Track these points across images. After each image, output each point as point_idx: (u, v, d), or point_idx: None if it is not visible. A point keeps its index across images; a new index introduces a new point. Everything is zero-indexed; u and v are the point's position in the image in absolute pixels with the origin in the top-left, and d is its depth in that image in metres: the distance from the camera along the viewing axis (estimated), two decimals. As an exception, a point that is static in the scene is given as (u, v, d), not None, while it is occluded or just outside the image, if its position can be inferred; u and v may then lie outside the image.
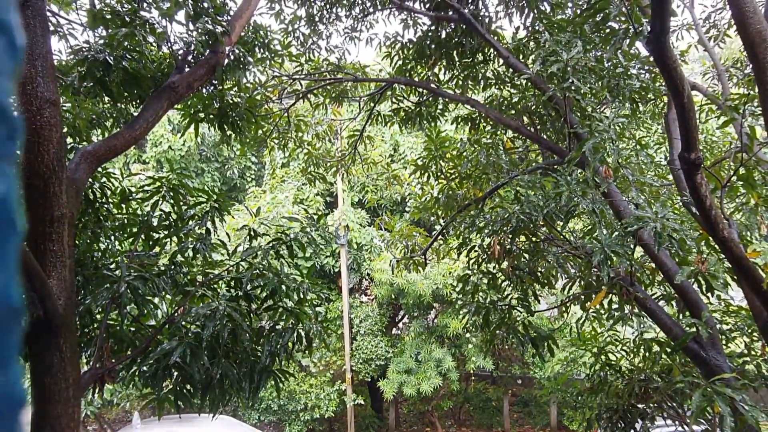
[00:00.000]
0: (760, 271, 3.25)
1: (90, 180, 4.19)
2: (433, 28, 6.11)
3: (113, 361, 3.82)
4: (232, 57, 4.58)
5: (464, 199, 5.98)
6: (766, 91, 3.55)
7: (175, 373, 3.71)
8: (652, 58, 3.42)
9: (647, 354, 5.13)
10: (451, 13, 5.70)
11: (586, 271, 4.85)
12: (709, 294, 4.65)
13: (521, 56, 5.70)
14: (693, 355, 4.28)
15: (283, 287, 3.86)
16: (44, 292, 2.82)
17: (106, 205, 4.49)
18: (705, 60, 9.24)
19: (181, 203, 4.48)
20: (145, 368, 3.82)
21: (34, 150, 3.07)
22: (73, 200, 3.29)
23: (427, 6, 6.10)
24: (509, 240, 4.61)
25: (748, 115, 5.08)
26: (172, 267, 4.13)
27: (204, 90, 4.81)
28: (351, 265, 12.59)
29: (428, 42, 6.09)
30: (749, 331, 5.36)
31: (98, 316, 4.07)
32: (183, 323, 3.78)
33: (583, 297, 4.39)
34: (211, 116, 4.91)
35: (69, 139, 4.47)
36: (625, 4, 3.88)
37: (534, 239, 4.80)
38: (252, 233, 4.22)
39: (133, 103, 4.77)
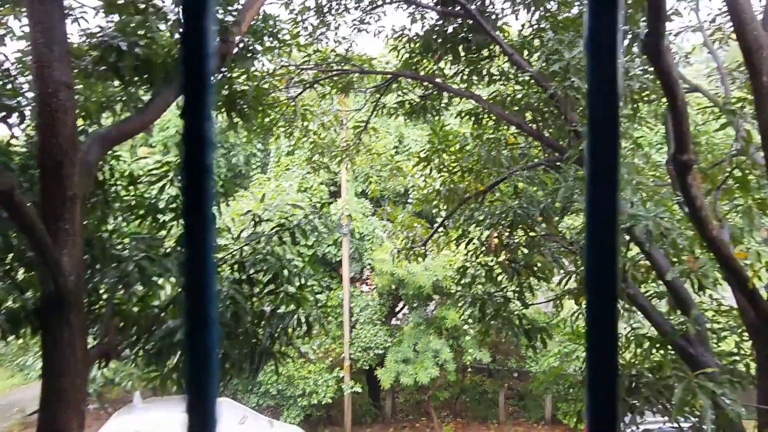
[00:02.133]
0: (746, 271, 3.35)
1: (100, 162, 4.30)
2: (440, 22, 6.19)
3: (119, 338, 3.96)
4: (241, 46, 4.68)
5: (465, 192, 6.08)
6: (761, 96, 3.64)
7: (179, 352, 3.84)
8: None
9: (638, 350, 5.24)
10: (457, 8, 5.78)
11: (581, 267, 4.96)
12: (701, 293, 4.76)
13: (525, 53, 5.78)
14: (681, 352, 4.39)
15: (285, 272, 3.98)
16: (56, 268, 2.94)
17: (114, 187, 4.61)
18: (710, 62, 9.28)
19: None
20: (149, 347, 3.95)
21: (49, 132, 3.18)
22: (85, 181, 3.41)
23: (435, 1, 6.17)
24: (507, 234, 4.72)
25: (748, 119, 5.16)
26: (178, 249, 4.25)
27: (213, 78, 4.90)
28: (353, 255, 12.72)
29: (434, 36, 6.17)
30: (739, 330, 5.47)
31: (105, 295, 4.21)
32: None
33: (576, 291, 4.50)
34: (220, 103, 5.01)
35: (79, 122, 4.59)
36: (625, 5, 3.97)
37: (531, 234, 4.91)
38: (256, 219, 4.34)
39: (144, 87, 4.88)
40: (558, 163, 4.77)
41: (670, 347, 4.89)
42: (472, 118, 6.76)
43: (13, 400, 8.89)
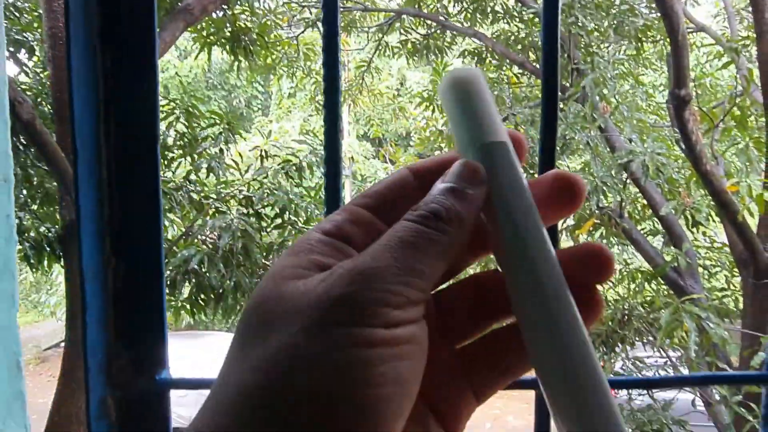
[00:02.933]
0: (736, 204, 3.49)
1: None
2: (444, -42, 6.09)
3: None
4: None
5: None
6: (762, 33, 3.68)
7: (193, 280, 4.04)
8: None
9: (632, 285, 5.45)
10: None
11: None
12: (694, 229, 4.92)
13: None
14: (672, 284, 4.59)
15: (293, 206, 4.13)
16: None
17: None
18: (718, 1, 9.12)
19: (195, 125, 4.68)
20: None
21: (62, 64, 3.25)
22: (98, 115, 3.50)
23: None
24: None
25: (752, 59, 5.17)
26: (188, 184, 4.39)
27: (215, 14, 4.89)
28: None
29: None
30: (730, 267, 5.67)
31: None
32: (199, 235, 4.08)
33: (572, 226, 4.66)
34: (223, 40, 5.02)
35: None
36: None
37: (531, 171, 5.02)
38: (263, 154, 4.45)
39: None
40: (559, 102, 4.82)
41: (662, 282, 5.09)
42: (475, 58, 6.73)
43: (29, 336, 9.26)
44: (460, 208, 0.26)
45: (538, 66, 5.80)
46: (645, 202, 5.03)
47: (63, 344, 5.04)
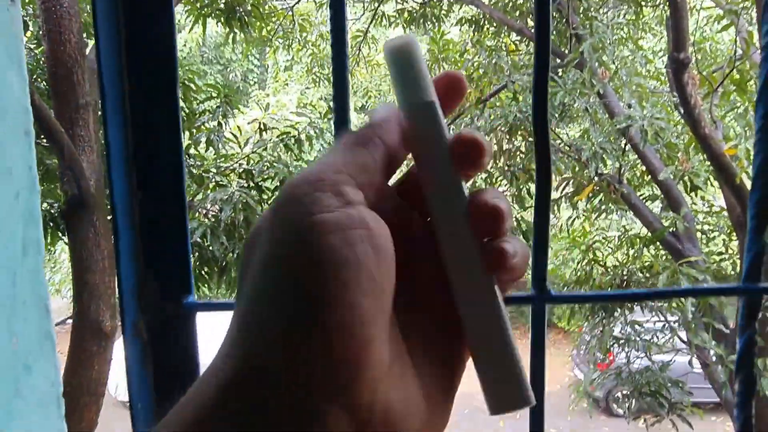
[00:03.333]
0: (734, 167, 3.50)
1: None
2: None
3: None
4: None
5: (465, 102, 6.12)
6: (762, -7, 3.64)
7: (196, 254, 4.07)
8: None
9: (630, 250, 5.50)
10: None
11: (578, 172, 5.11)
12: (693, 194, 4.94)
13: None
14: (670, 248, 4.63)
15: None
16: (78, 171, 3.10)
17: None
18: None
19: (192, 98, 4.66)
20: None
21: (57, 39, 3.23)
22: (95, 89, 3.49)
23: None
24: (506, 139, 4.84)
25: (753, 22, 5.12)
26: (187, 158, 4.39)
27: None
28: (354, 171, 12.85)
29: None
30: (728, 231, 5.71)
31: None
32: (200, 209, 4.10)
33: (572, 192, 4.68)
34: (218, 12, 4.97)
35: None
36: None
37: (531, 139, 5.02)
38: (262, 126, 4.45)
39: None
40: (558, 69, 4.80)
41: (660, 247, 5.14)
42: (473, 26, 6.66)
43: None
44: (373, 131, 0.31)
45: (536, 32, 5.73)
46: (644, 168, 5.04)
47: (69, 321, 5.11)
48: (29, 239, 0.51)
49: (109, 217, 3.74)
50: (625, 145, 4.34)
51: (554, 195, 5.73)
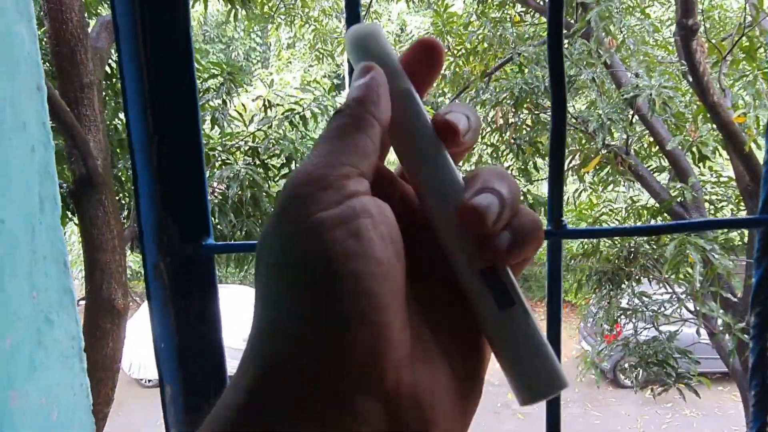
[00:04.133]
0: (743, 134, 3.47)
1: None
2: None
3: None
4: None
5: (471, 75, 6.07)
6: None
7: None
8: None
9: (638, 222, 5.49)
10: None
11: (585, 144, 5.08)
12: (701, 165, 4.90)
13: None
14: (678, 219, 4.62)
15: (299, 155, 4.14)
16: (85, 150, 3.11)
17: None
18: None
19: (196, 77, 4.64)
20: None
21: (59, 18, 3.22)
22: (99, 68, 3.48)
23: None
24: (512, 112, 4.81)
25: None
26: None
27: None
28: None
29: None
30: (736, 201, 5.68)
31: (128, 184, 4.41)
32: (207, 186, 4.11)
33: (579, 164, 4.66)
34: (219, -12, 4.92)
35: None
36: None
37: (536, 111, 4.99)
38: (266, 104, 4.43)
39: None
40: (565, 40, 4.73)
41: (668, 218, 5.12)
42: (477, -2, 6.56)
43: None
44: (353, 110, 0.30)
45: (541, 2, 5.66)
46: (651, 139, 5.00)
47: (82, 303, 5.17)
48: (46, 194, 0.52)
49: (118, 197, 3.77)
50: (633, 115, 4.30)
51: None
